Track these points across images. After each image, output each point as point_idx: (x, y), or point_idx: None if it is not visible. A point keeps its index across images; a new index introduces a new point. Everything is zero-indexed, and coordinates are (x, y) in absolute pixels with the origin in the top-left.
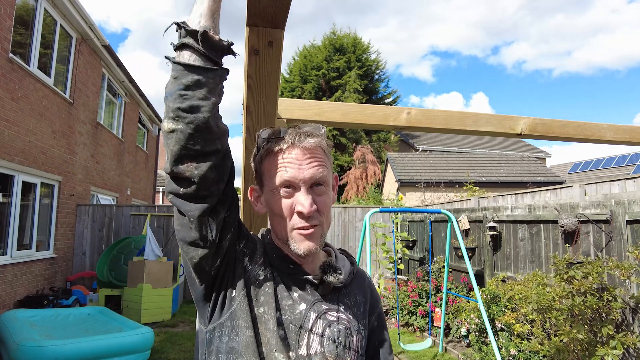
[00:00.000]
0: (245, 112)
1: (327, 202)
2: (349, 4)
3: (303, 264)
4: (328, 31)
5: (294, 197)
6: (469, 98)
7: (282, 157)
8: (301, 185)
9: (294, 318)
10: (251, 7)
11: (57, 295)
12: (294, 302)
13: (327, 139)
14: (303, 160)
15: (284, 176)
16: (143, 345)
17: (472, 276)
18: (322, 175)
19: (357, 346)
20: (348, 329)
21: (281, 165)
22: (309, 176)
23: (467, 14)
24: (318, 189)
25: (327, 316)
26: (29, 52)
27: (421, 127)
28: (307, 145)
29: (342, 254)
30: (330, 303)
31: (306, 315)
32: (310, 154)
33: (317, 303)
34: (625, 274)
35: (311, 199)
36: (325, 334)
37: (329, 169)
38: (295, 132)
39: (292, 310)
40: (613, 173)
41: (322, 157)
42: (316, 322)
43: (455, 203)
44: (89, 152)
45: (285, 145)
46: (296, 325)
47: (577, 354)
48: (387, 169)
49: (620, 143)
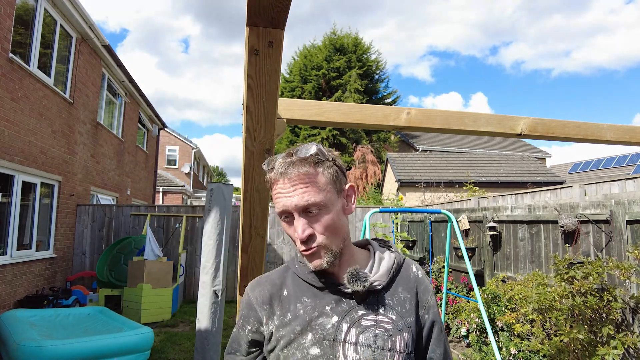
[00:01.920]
0: (245, 112)
1: (326, 221)
2: (346, 4)
3: (335, 274)
4: (328, 31)
5: (294, 223)
6: (468, 98)
7: (275, 187)
8: (294, 212)
9: (327, 333)
10: (251, 7)
11: (57, 295)
12: (326, 316)
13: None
14: (290, 189)
15: (279, 206)
16: (143, 345)
17: (472, 276)
18: (307, 202)
19: (401, 346)
20: (388, 331)
21: (275, 195)
22: (294, 205)
23: (466, 15)
24: (312, 213)
25: (362, 322)
26: (29, 52)
27: (421, 127)
28: (291, 175)
29: (384, 248)
30: (369, 307)
31: (338, 327)
32: (292, 183)
33: (351, 311)
34: (625, 274)
35: (303, 225)
36: (360, 341)
37: (322, 188)
38: (282, 162)
39: (322, 327)
40: (613, 173)
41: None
42: (349, 332)
43: (455, 203)
44: (89, 152)
45: (274, 175)
46: (330, 340)
47: (578, 354)
48: (387, 169)
49: (620, 143)
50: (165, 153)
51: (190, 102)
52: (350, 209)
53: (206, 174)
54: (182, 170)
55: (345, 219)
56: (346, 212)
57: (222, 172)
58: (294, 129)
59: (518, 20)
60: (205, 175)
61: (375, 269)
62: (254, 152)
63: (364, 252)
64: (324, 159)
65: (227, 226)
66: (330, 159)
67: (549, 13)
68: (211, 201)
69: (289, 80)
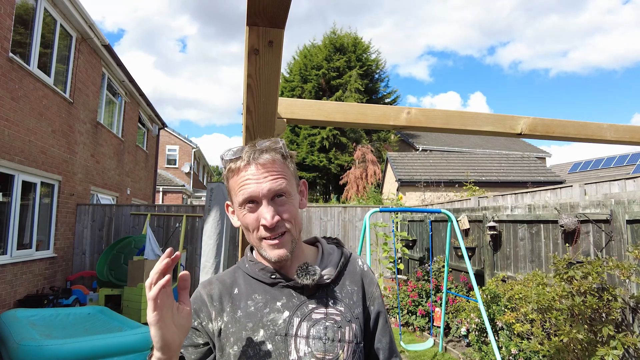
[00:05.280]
0: (245, 111)
1: (292, 209)
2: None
3: (285, 270)
4: (328, 31)
5: (258, 211)
6: (467, 98)
7: (242, 175)
8: (262, 199)
9: (279, 329)
10: (251, 7)
11: (57, 295)
12: (277, 312)
13: (288, 149)
14: (260, 175)
15: (245, 193)
16: (143, 345)
17: (472, 276)
18: (280, 187)
19: (350, 336)
20: (337, 322)
21: (242, 183)
22: (267, 189)
23: (463, 15)
24: (280, 199)
25: (313, 315)
26: (28, 52)
27: (421, 126)
28: (262, 161)
29: (332, 244)
30: (319, 300)
31: (290, 322)
32: (266, 169)
33: (302, 305)
34: (625, 273)
35: (273, 211)
36: (311, 334)
37: (289, 179)
38: (251, 150)
39: (274, 323)
40: (613, 173)
41: (280, 170)
42: (300, 326)
43: (455, 203)
44: (89, 151)
45: (243, 163)
46: (282, 335)
47: (577, 353)
48: (387, 169)
49: (620, 143)
50: (165, 153)
51: (188, 102)
52: (304, 204)
53: (206, 173)
54: (182, 170)
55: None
56: (301, 207)
57: (222, 171)
58: (294, 128)
59: (515, 20)
60: (205, 175)
61: (323, 265)
62: None
63: (312, 249)
64: (288, 154)
65: (227, 226)
66: (290, 156)
67: (546, 13)
68: (211, 201)
69: (289, 79)
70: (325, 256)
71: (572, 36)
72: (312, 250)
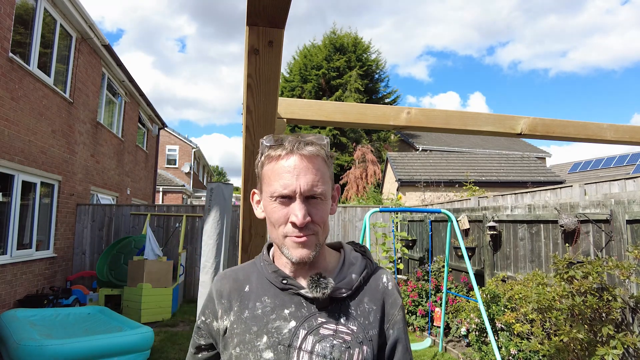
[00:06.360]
0: (245, 111)
1: (323, 213)
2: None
3: (300, 275)
4: (328, 31)
5: (289, 206)
6: (466, 98)
7: (280, 164)
8: (296, 195)
9: (283, 338)
10: (251, 7)
11: (57, 295)
12: (284, 320)
13: (330, 150)
14: (300, 169)
15: (280, 185)
16: (143, 345)
17: (472, 276)
18: (317, 187)
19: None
20: (346, 342)
21: (279, 173)
22: (305, 187)
23: (462, 15)
24: (314, 201)
25: (321, 330)
26: (28, 52)
27: (421, 126)
28: (305, 152)
29: (357, 253)
30: (330, 314)
31: (295, 333)
32: (308, 161)
33: (311, 318)
34: (625, 273)
35: (305, 210)
36: (315, 351)
37: (326, 180)
38: (295, 140)
39: (279, 331)
40: (613, 173)
41: (320, 168)
42: (306, 339)
43: (455, 203)
44: (89, 151)
45: (284, 152)
46: (285, 345)
47: (577, 353)
48: (387, 169)
49: (620, 143)
50: (165, 153)
51: (188, 102)
52: (334, 210)
53: (206, 173)
54: (182, 170)
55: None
56: (331, 212)
57: (222, 171)
58: (293, 128)
59: (514, 20)
60: (205, 175)
61: (342, 276)
62: (254, 152)
63: (334, 255)
64: (329, 154)
65: (227, 226)
66: (331, 157)
67: (545, 13)
68: (211, 201)
69: (289, 79)
70: (346, 266)
71: (571, 36)
72: (334, 257)
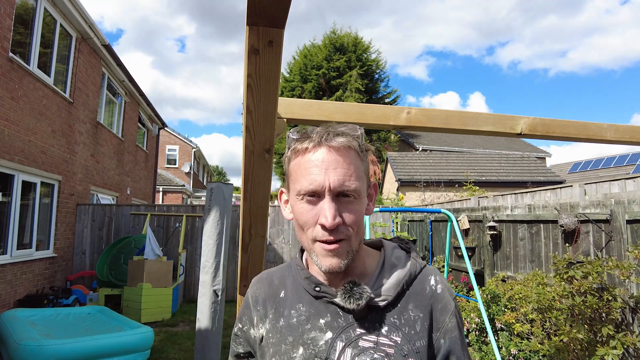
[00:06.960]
0: (245, 111)
1: (358, 214)
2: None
3: (332, 283)
4: (328, 30)
5: (318, 206)
6: (466, 98)
7: (307, 157)
8: (326, 192)
9: (319, 351)
10: (251, 7)
11: (57, 295)
12: (319, 331)
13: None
14: (330, 163)
15: (308, 181)
16: (143, 345)
17: (472, 276)
18: (350, 183)
19: None
20: (389, 356)
21: (306, 167)
22: (335, 182)
23: (461, 15)
24: (346, 199)
25: (360, 343)
26: (28, 52)
27: (421, 126)
28: (335, 144)
29: (401, 252)
30: (370, 325)
31: (332, 345)
32: (339, 154)
33: (348, 328)
34: (625, 273)
35: (335, 210)
36: None
37: (361, 176)
38: (324, 131)
39: (315, 343)
40: (613, 173)
41: (353, 162)
42: (344, 352)
43: (455, 203)
44: (89, 151)
45: (312, 144)
46: (321, 358)
47: (577, 353)
48: (387, 169)
49: (620, 143)
50: (165, 152)
51: (187, 102)
52: (370, 210)
53: (206, 173)
54: (182, 170)
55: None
56: (367, 213)
57: (222, 171)
58: None
59: (513, 20)
60: (205, 175)
61: (381, 281)
62: (254, 152)
63: (374, 255)
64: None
65: (227, 226)
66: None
67: (544, 13)
68: (211, 201)
69: (289, 79)
70: (387, 269)
71: (571, 36)
72: (374, 258)
